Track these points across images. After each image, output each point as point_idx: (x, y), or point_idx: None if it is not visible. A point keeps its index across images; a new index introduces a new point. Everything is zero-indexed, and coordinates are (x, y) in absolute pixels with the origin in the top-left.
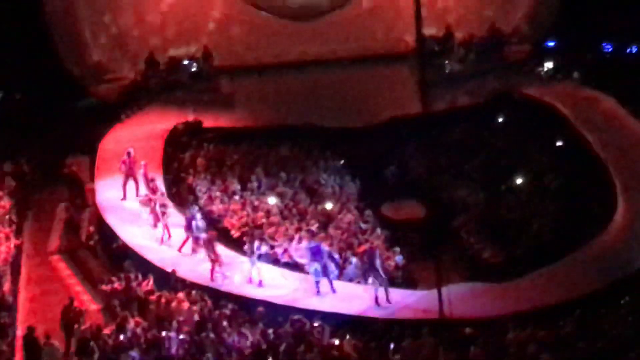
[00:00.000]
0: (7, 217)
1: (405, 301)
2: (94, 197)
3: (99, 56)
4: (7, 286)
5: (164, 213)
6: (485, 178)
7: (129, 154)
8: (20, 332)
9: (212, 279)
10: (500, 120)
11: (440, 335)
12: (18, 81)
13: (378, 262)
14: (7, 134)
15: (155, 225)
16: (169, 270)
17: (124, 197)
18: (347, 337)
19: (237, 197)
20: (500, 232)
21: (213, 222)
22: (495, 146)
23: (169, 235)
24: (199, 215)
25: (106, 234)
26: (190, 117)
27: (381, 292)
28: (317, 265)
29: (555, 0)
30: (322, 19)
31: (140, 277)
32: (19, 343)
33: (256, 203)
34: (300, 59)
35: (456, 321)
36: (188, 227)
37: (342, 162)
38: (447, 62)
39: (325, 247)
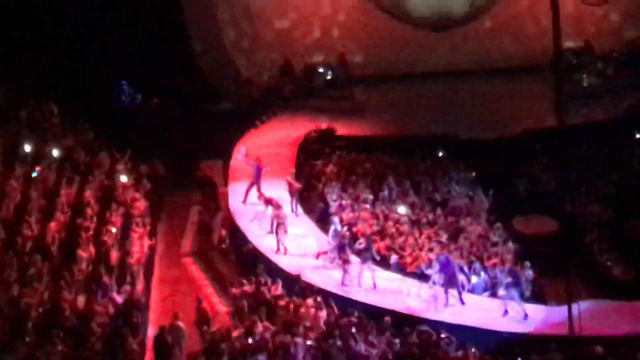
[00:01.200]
0: (141, 218)
1: (534, 316)
2: (227, 201)
3: (237, 61)
4: (140, 286)
5: (279, 224)
6: (618, 195)
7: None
8: (151, 331)
9: (343, 284)
10: (636, 136)
11: (568, 352)
12: (156, 85)
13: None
14: (145, 137)
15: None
16: (295, 274)
17: (244, 201)
18: (473, 350)
19: (367, 206)
20: (632, 250)
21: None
22: (630, 163)
23: (284, 249)
24: (337, 219)
25: (237, 238)
26: (324, 125)
27: (516, 306)
28: (445, 277)
29: None
30: (459, 29)
31: (269, 281)
32: (149, 343)
33: (387, 212)
34: (435, 69)
35: (585, 339)
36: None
37: (473, 173)
38: (584, 76)
39: (454, 259)
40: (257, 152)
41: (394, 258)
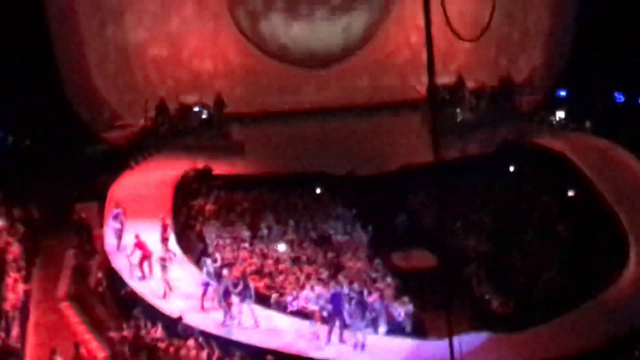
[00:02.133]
0: (16, 262)
1: (415, 350)
2: (103, 243)
3: (109, 102)
4: (15, 332)
5: (160, 266)
6: (495, 227)
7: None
8: None
9: (224, 324)
10: (511, 169)
11: None
12: (28, 127)
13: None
14: (17, 180)
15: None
16: (177, 316)
17: (118, 248)
18: None
19: (246, 245)
20: (510, 282)
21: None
22: (506, 195)
23: (164, 292)
24: (209, 261)
25: (115, 281)
26: (200, 164)
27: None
28: (331, 313)
29: (566, 50)
30: (336, 66)
31: (149, 324)
32: None
33: (266, 250)
34: (312, 106)
35: None
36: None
37: (352, 210)
38: (458, 110)
39: (344, 295)
40: (132, 193)
41: (274, 297)
